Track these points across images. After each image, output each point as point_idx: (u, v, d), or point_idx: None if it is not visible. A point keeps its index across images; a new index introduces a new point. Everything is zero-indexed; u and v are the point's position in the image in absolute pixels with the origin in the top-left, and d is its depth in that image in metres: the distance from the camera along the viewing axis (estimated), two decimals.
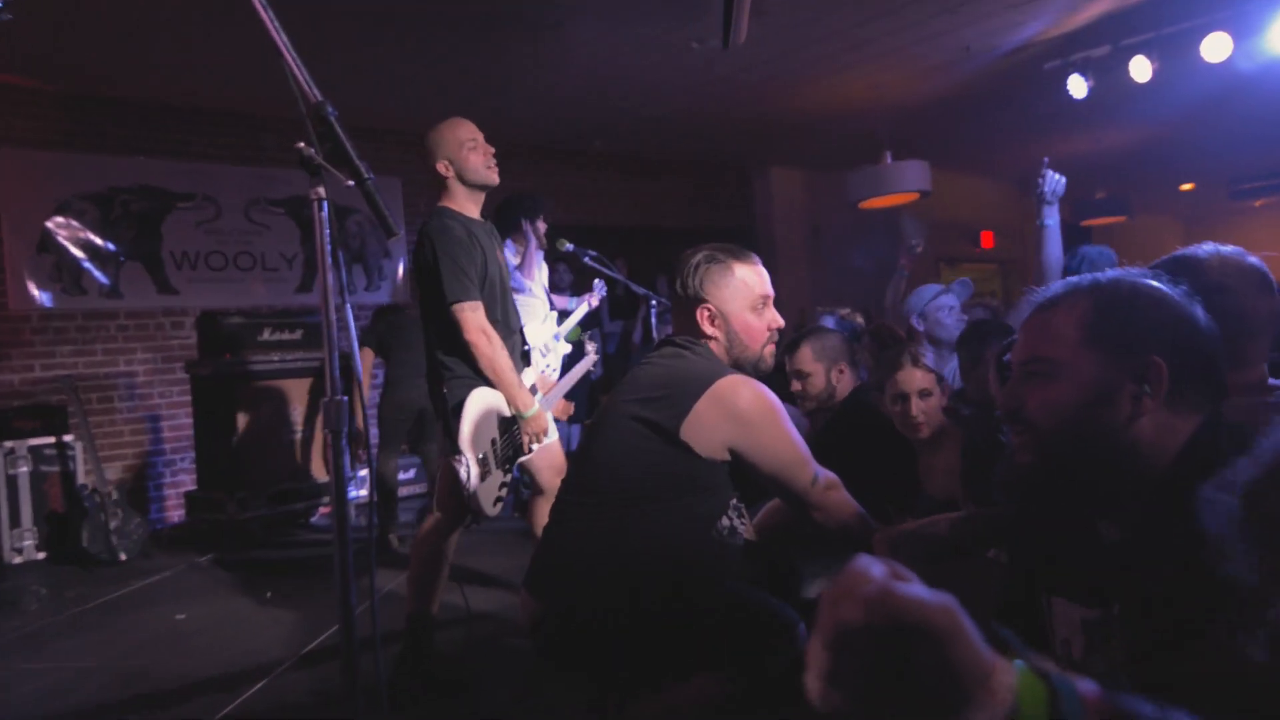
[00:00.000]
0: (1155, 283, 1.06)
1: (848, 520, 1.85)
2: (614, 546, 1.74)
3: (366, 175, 1.24)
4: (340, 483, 1.24)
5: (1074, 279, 1.11)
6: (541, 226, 4.64)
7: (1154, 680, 0.92)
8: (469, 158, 2.74)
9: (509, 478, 2.70)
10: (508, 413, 2.67)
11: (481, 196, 2.82)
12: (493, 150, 2.80)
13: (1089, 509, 1.06)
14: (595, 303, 4.74)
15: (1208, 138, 8.13)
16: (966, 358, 2.64)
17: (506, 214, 4.41)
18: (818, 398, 2.73)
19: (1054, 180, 2.80)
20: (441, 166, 2.73)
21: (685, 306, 1.93)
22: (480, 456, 2.58)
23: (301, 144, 1.24)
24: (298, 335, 5.24)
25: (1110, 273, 1.09)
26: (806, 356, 2.73)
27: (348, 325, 1.24)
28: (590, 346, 3.28)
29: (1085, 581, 1.07)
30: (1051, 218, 2.80)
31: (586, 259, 4.02)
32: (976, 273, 10.88)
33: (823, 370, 2.72)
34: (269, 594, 3.89)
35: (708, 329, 1.91)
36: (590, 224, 7.56)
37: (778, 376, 2.36)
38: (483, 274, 2.68)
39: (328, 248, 1.23)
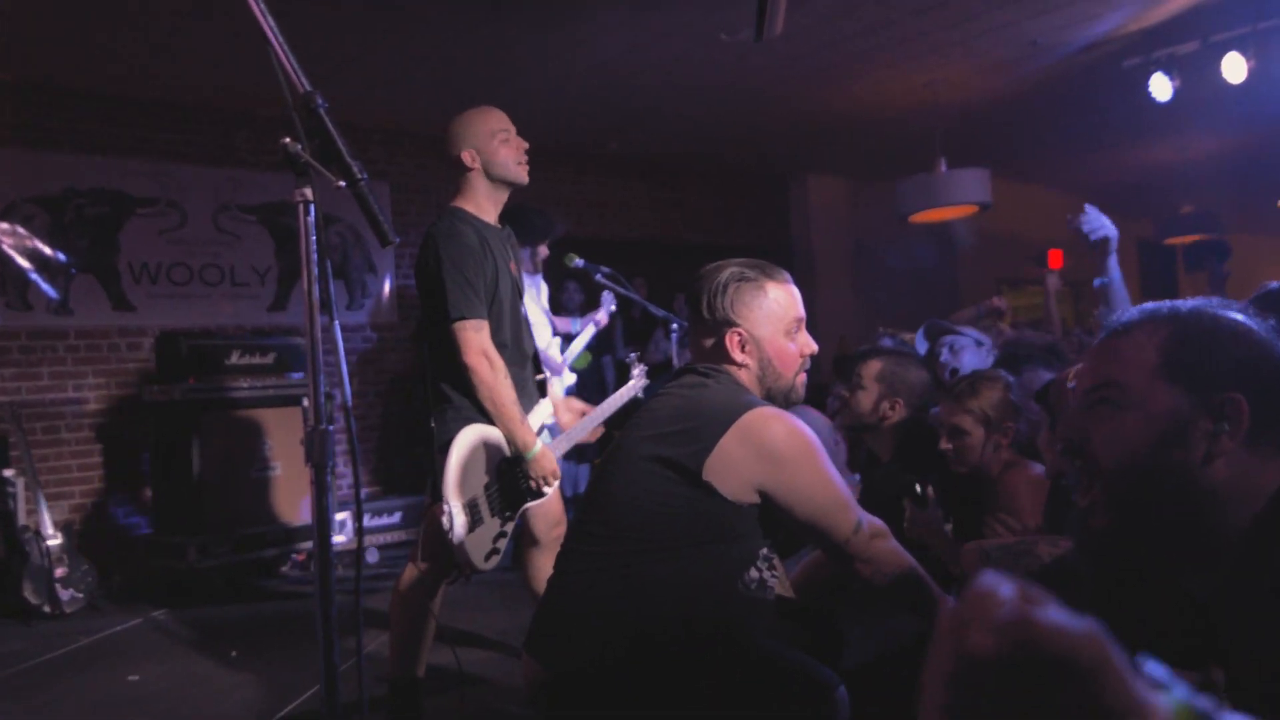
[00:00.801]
0: (1240, 316, 1.09)
1: (898, 573, 1.83)
2: (628, 601, 1.74)
3: (359, 175, 1.26)
4: (324, 525, 1.24)
5: (1152, 306, 1.14)
6: (543, 252, 4.67)
7: None
8: (499, 150, 2.75)
9: (508, 527, 2.69)
10: (507, 452, 2.67)
11: (504, 197, 2.83)
12: (526, 145, 2.81)
13: (1171, 562, 1.08)
14: (603, 320, 4.74)
15: None
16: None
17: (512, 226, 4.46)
18: (861, 416, 2.78)
19: (1094, 221, 2.62)
20: (467, 155, 2.74)
21: (711, 330, 1.94)
22: (468, 502, 2.57)
23: (287, 139, 1.26)
24: (270, 359, 5.29)
25: (1191, 302, 1.13)
26: (872, 371, 2.76)
27: (336, 345, 1.25)
28: (637, 370, 3.24)
29: (1176, 642, 1.08)
30: (1111, 272, 2.67)
31: (598, 277, 4.04)
32: (1042, 296, 10.83)
33: (879, 393, 2.76)
34: (234, 653, 3.88)
35: (738, 355, 1.92)
36: (604, 236, 7.62)
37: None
38: (492, 289, 2.68)
39: (314, 256, 1.24)
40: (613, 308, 4.48)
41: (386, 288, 6.77)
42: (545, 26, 5.03)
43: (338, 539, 5.41)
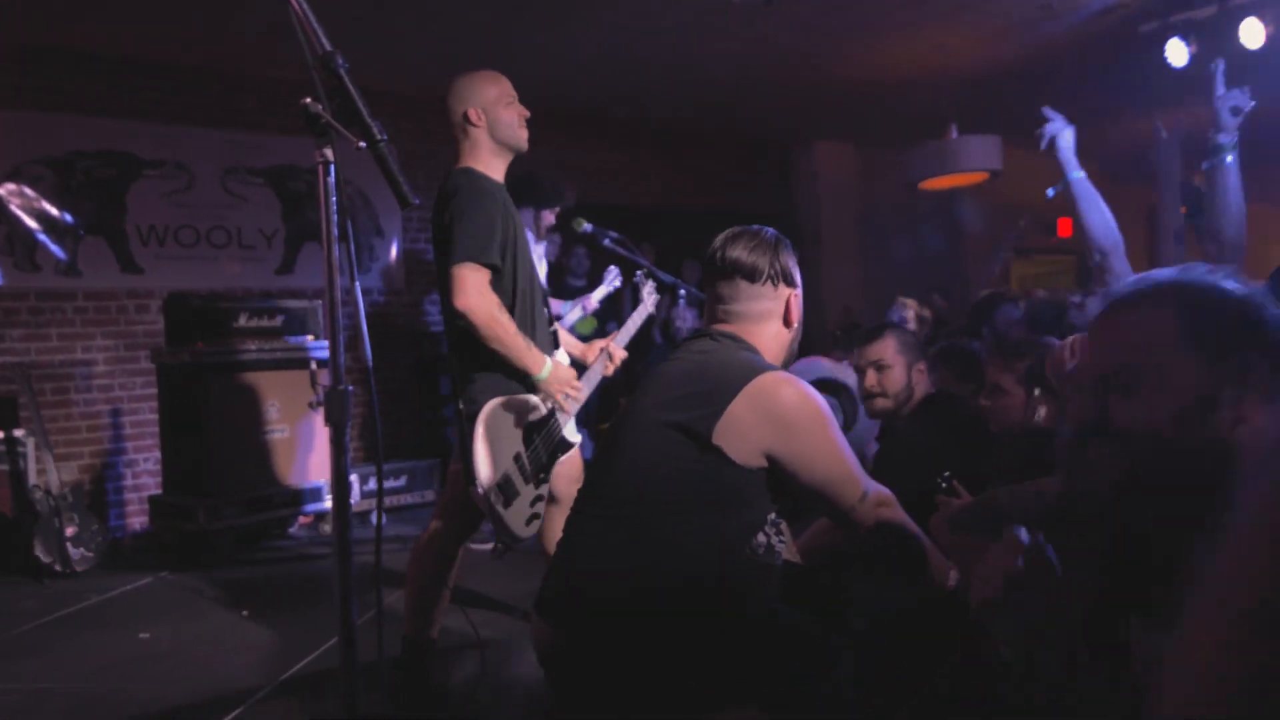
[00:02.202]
0: (1227, 280, 1.10)
1: (902, 541, 1.86)
2: (637, 565, 1.75)
3: (380, 136, 1.26)
4: (342, 484, 1.26)
5: (1145, 277, 1.14)
6: (549, 219, 4.63)
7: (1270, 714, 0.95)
8: (503, 113, 2.75)
9: (543, 489, 2.71)
10: (534, 415, 2.68)
11: (506, 163, 2.83)
12: (528, 114, 2.82)
13: (1184, 527, 1.08)
14: (592, 305, 4.67)
15: None
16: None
17: (519, 192, 4.47)
18: (896, 396, 2.77)
19: (1053, 129, 2.67)
20: (474, 113, 2.73)
21: (769, 294, 1.94)
22: (501, 480, 2.59)
23: (308, 100, 1.26)
24: (278, 322, 5.30)
25: (1183, 271, 1.13)
26: (890, 347, 2.76)
27: (358, 308, 1.26)
28: (647, 287, 3.30)
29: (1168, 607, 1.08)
30: (1067, 171, 2.67)
31: (606, 241, 4.02)
32: (1051, 265, 10.81)
33: (904, 365, 2.76)
34: (244, 612, 3.94)
35: (793, 319, 1.97)
36: (609, 202, 7.58)
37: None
38: (513, 244, 2.68)
39: (334, 218, 1.25)
40: (617, 283, 4.43)
41: (394, 251, 6.77)
42: None
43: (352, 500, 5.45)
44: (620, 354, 3.00)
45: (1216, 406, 1.02)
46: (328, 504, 5.30)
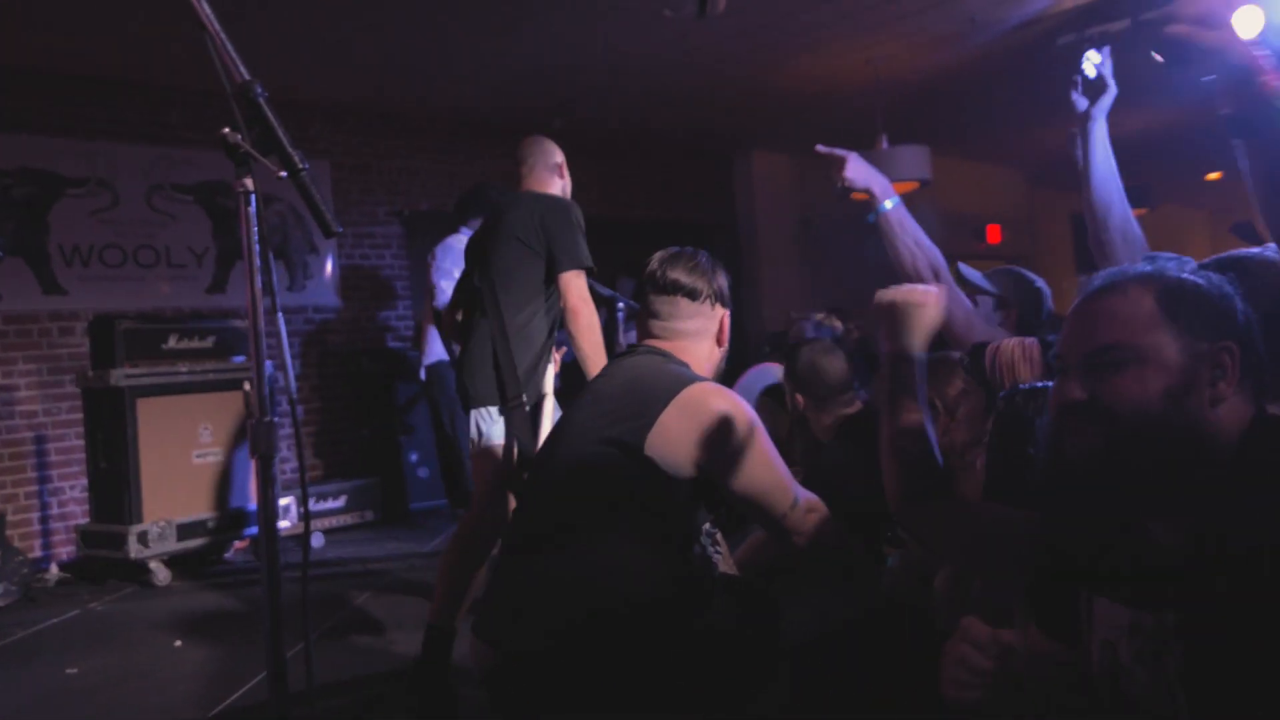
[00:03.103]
0: (1201, 275, 1.15)
1: (832, 548, 1.90)
2: (573, 580, 1.76)
3: (301, 165, 1.25)
4: (270, 518, 1.24)
5: (1122, 269, 1.18)
6: None
7: (1214, 693, 0.99)
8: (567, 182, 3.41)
9: None
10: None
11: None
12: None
13: (1150, 505, 1.12)
14: None
15: None
16: None
17: (479, 198, 4.65)
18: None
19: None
20: (561, 170, 3.40)
21: (704, 311, 2.00)
22: None
23: (226, 130, 1.24)
24: (209, 343, 5.19)
25: (1156, 260, 1.18)
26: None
27: (280, 334, 1.24)
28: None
29: (1136, 584, 1.12)
30: (884, 202, 2.45)
31: None
32: (981, 270, 11.05)
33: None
34: (177, 643, 3.84)
35: (725, 339, 2.05)
36: None
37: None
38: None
39: (256, 248, 1.23)
40: None
41: (329, 268, 6.67)
42: (487, 1, 4.98)
43: (282, 524, 5.36)
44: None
45: (1197, 387, 1.08)
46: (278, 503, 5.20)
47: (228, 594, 4.71)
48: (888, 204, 2.39)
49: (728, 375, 2.24)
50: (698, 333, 2.00)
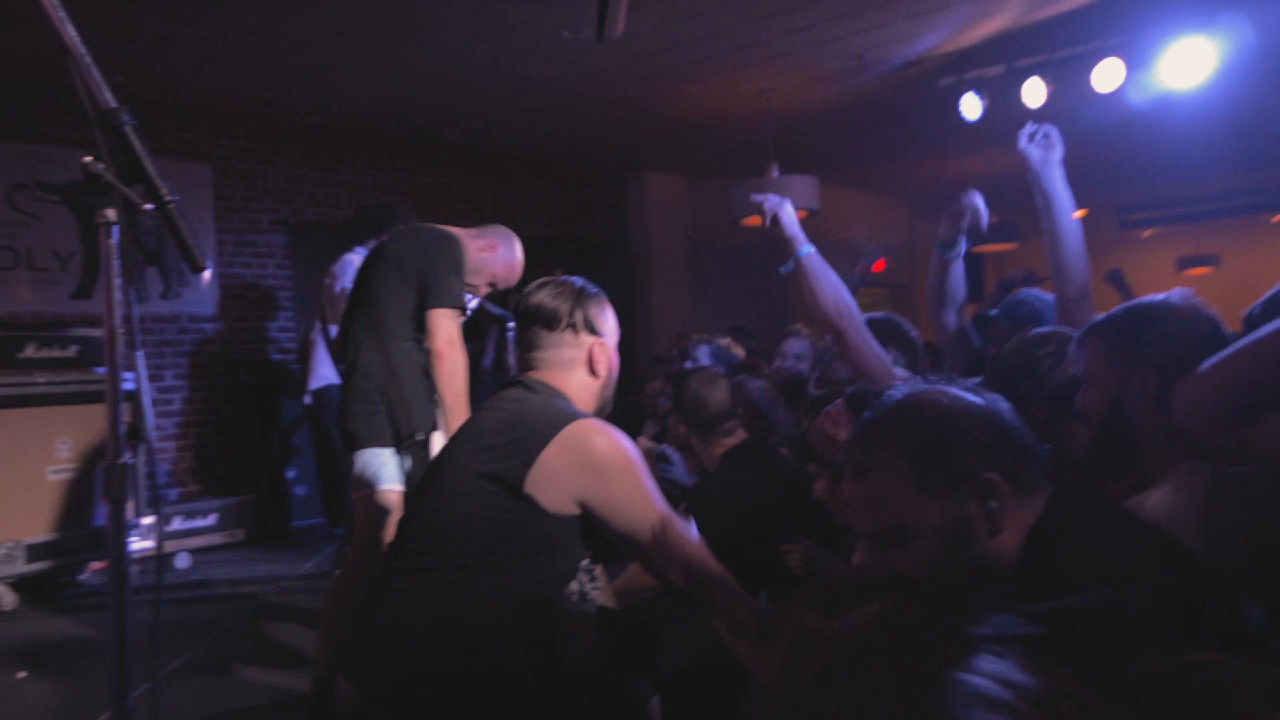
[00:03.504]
0: (943, 397, 1.20)
1: (709, 581, 1.91)
2: (445, 620, 1.73)
3: (169, 198, 1.20)
4: (121, 565, 1.18)
5: (880, 404, 1.23)
6: None
7: None
8: (483, 290, 3.15)
9: None
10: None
11: None
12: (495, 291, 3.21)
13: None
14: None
15: (1100, 166, 8.90)
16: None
17: (372, 219, 4.62)
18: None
19: (772, 206, 2.57)
20: (486, 278, 3.14)
21: (571, 342, 1.97)
22: None
23: (89, 158, 1.18)
24: (71, 352, 4.90)
25: (901, 395, 1.23)
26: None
27: (140, 375, 1.18)
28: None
29: None
30: (801, 248, 2.58)
31: None
32: (865, 298, 11.42)
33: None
34: (21, 674, 3.60)
35: (598, 368, 1.99)
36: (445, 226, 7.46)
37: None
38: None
39: (118, 281, 1.17)
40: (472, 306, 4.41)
41: (206, 276, 6.41)
42: (384, 11, 4.88)
43: (141, 544, 5.08)
44: None
45: (971, 530, 1.13)
46: (130, 545, 4.94)
47: (80, 619, 4.44)
48: (806, 249, 2.49)
49: (618, 402, 2.23)
50: (566, 362, 1.96)
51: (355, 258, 4.95)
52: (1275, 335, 1.27)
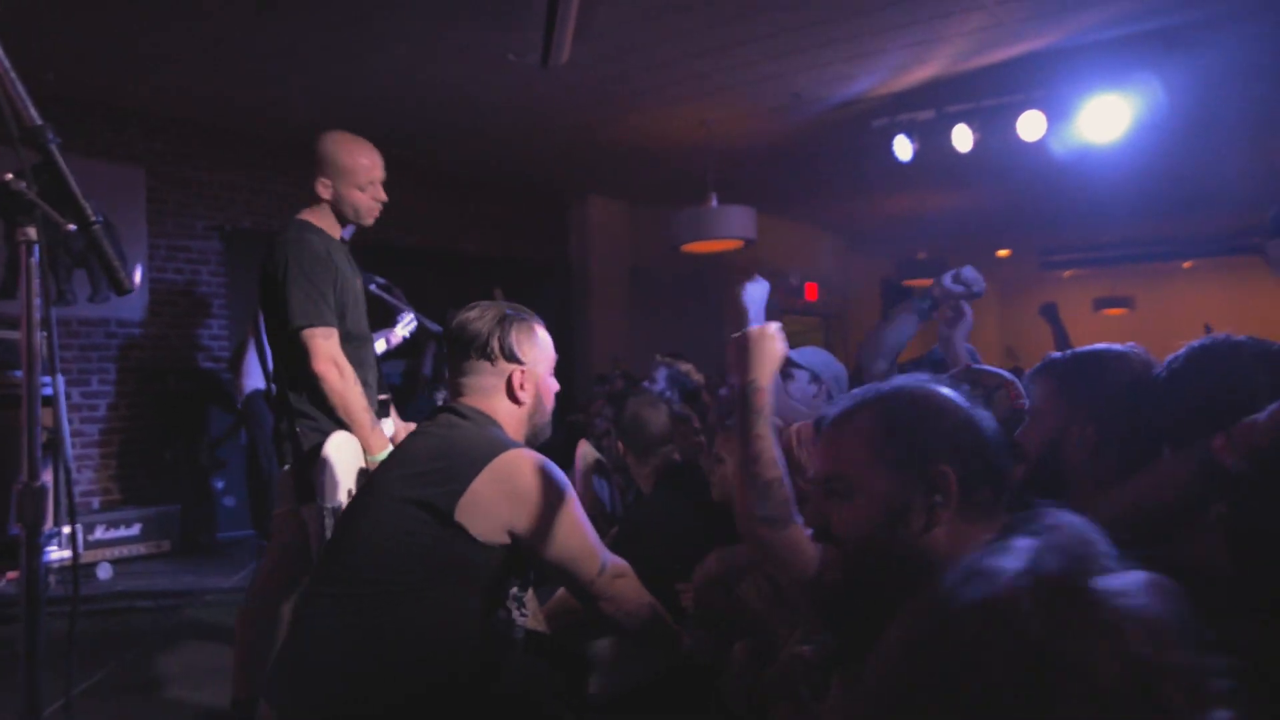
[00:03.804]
0: (945, 390, 1.21)
1: (637, 611, 1.93)
2: (371, 646, 1.71)
3: (94, 219, 1.18)
4: (35, 599, 1.14)
5: (864, 391, 1.26)
6: None
7: None
8: (360, 200, 2.69)
9: None
10: (363, 462, 2.59)
11: (349, 227, 2.79)
12: (385, 199, 2.77)
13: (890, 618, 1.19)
14: (395, 342, 4.59)
15: (1024, 209, 9.21)
16: None
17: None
18: None
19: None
20: (321, 186, 2.67)
21: (491, 370, 1.94)
22: (333, 508, 2.47)
23: (10, 175, 1.16)
24: None
25: (895, 381, 1.25)
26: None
27: (57, 398, 1.16)
28: (405, 320, 3.30)
29: None
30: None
31: (372, 287, 3.92)
32: (798, 325, 11.61)
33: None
34: None
35: (520, 395, 1.95)
36: (379, 241, 7.38)
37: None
38: (340, 299, 2.63)
39: (38, 302, 1.15)
40: (406, 335, 4.30)
41: (136, 279, 6.23)
42: (331, 26, 4.85)
43: (59, 554, 4.91)
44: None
45: (908, 514, 1.13)
46: (48, 555, 4.76)
47: None
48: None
49: (557, 422, 2.21)
50: (488, 389, 1.94)
51: None
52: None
